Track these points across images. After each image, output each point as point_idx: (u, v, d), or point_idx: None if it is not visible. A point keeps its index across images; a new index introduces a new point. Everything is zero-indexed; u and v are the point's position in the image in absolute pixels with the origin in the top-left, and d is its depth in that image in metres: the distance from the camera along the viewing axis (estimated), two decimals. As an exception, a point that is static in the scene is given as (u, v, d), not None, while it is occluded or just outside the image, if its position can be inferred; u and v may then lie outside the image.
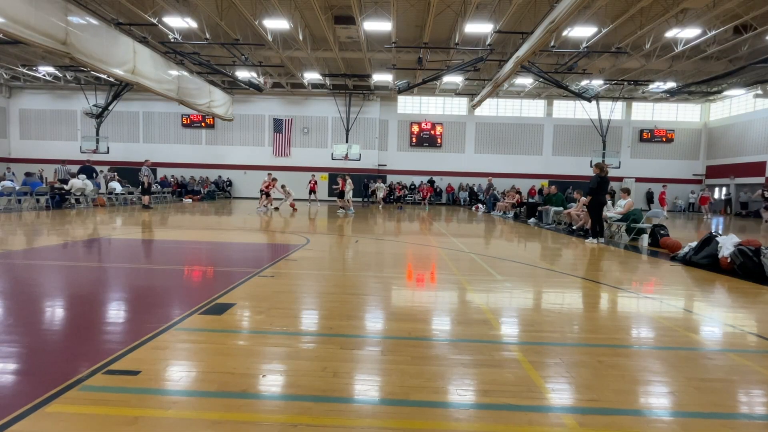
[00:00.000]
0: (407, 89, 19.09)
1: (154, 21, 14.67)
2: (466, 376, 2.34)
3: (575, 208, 11.21)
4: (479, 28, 14.83)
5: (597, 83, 20.90)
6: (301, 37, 16.04)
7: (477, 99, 21.84)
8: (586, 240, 8.93)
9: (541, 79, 19.14)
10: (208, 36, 15.88)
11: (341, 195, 15.59)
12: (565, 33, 14.85)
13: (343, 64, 19.61)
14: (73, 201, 14.52)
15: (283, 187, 16.76)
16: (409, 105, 26.38)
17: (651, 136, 25.75)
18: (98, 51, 12.37)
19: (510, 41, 16.40)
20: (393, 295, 4.22)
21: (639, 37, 15.33)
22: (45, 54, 17.61)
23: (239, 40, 16.48)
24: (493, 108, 25.96)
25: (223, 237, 8.37)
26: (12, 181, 14.27)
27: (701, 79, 19.29)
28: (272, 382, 2.22)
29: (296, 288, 4.35)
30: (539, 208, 13.93)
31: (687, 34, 14.79)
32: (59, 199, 13.99)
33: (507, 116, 26.13)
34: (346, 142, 25.02)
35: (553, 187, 13.91)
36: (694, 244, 6.54)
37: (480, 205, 21.18)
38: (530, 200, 18.63)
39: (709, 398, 2.17)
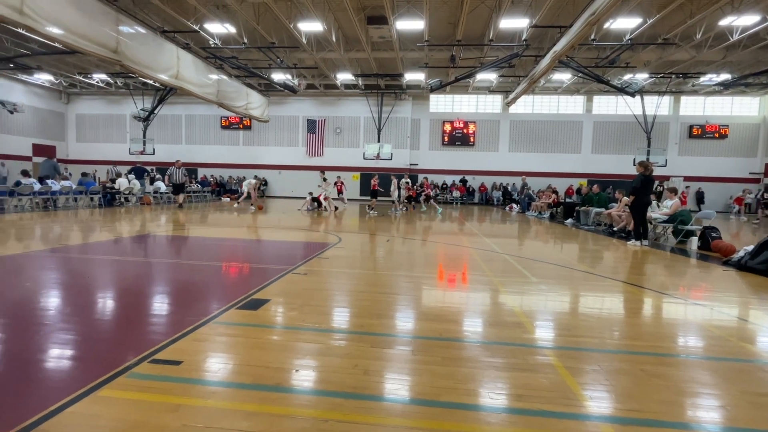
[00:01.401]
0: (439, 88, 18.90)
1: (196, 28, 15.34)
2: (499, 380, 2.29)
3: (616, 208, 10.71)
4: (514, 23, 14.45)
5: (642, 77, 19.82)
6: (334, 39, 16.25)
7: (512, 96, 21.29)
8: (629, 242, 8.50)
9: (580, 74, 18.40)
10: (245, 40, 16.42)
11: (375, 195, 15.53)
12: (606, 25, 14.19)
13: (375, 64, 19.70)
14: (122, 200, 15.45)
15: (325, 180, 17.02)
16: (441, 103, 26.12)
17: (702, 132, 24.11)
18: (145, 58, 13.10)
19: (547, 36, 15.87)
20: (424, 295, 4.20)
21: (689, 27, 14.39)
22: (98, 62, 18.85)
23: (275, 43, 16.93)
24: (528, 105, 25.23)
25: (258, 235, 8.63)
26: (69, 180, 15.39)
27: (760, 69, 17.85)
28: (304, 377, 2.28)
29: (328, 286, 4.42)
30: (577, 209, 13.40)
31: (744, 21, 13.72)
32: (110, 198, 14.94)
33: (543, 113, 25.32)
34: (378, 141, 25.13)
35: (595, 186, 13.31)
36: (750, 248, 6.07)
37: (514, 205, 20.65)
38: (567, 200, 17.96)
39: (766, 415, 2.02)
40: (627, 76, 19.79)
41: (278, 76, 20.64)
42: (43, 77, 24.19)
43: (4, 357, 2.42)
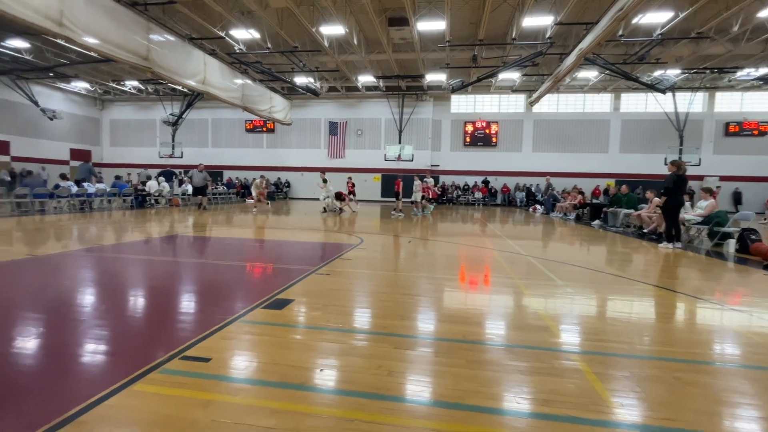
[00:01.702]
0: (461, 88, 18.74)
1: (222, 34, 15.78)
2: (524, 384, 2.25)
3: (647, 209, 10.33)
4: (538, 21, 14.19)
5: (673, 73, 19.07)
6: (355, 41, 16.38)
7: (535, 95, 20.89)
8: (660, 244, 8.18)
9: (607, 72, 17.88)
10: (269, 45, 16.76)
11: (398, 196, 15.37)
12: (635, 20, 13.75)
13: (396, 65, 19.74)
14: (152, 201, 16.03)
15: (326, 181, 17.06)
16: (463, 104, 25.89)
17: (739, 130, 22.96)
18: (174, 64, 13.57)
19: (572, 33, 15.51)
20: (446, 297, 4.17)
21: (725, 20, 13.76)
22: (131, 69, 19.61)
23: (297, 47, 17.20)
24: (552, 104, 24.69)
25: (282, 235, 8.78)
26: (103, 183, 16.09)
27: (803, 62, 16.88)
28: (329, 376, 2.30)
29: (351, 286, 4.45)
30: (605, 210, 13.01)
31: (785, 12, 13.02)
32: (141, 200, 15.52)
33: (568, 112, 24.72)
34: (399, 143, 25.14)
35: (624, 186, 12.86)
36: (793, 251, 5.74)
37: (538, 206, 20.23)
38: (594, 201, 17.46)
39: (813, 427, 1.91)
40: (657, 73, 19.09)
41: (301, 80, 20.96)
42: (80, 85, 25.40)
43: (47, 351, 2.55)
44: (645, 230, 9.79)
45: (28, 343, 2.65)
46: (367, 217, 14.03)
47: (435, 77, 21.34)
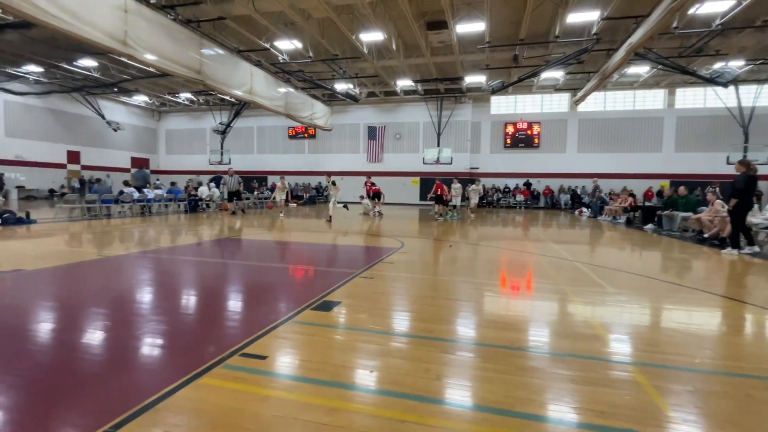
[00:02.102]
0: (501, 89, 18.38)
1: (267, 46, 16.50)
2: (577, 394, 2.20)
3: (707, 212, 9.63)
4: (583, 17, 13.65)
5: (735, 65, 17.62)
6: (394, 47, 16.54)
7: (580, 94, 20.05)
8: (723, 250, 7.60)
9: (660, 66, 16.85)
10: (311, 54, 17.30)
11: (439, 200, 14.65)
12: (691, 11, 12.88)
13: (434, 68, 19.70)
14: (204, 206, 16.99)
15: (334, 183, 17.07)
16: (503, 105, 25.35)
17: (815, 124, 20.83)
18: (224, 76, 14.36)
19: (620, 27, 14.76)
20: (491, 302, 4.13)
21: (797, 5, 12.58)
22: (184, 82, 20.96)
23: (338, 55, 17.63)
24: (599, 102, 23.59)
25: (324, 239, 9.02)
26: (161, 189, 17.28)
27: None
28: (379, 378, 2.37)
29: (395, 290, 4.51)
30: (659, 213, 12.24)
31: None
32: (194, 204, 16.49)
33: (617, 110, 23.51)
34: (438, 146, 25.03)
35: (681, 188, 12.04)
36: None
37: (584, 209, 19.37)
38: (647, 203, 16.47)
39: None
40: (718, 65, 17.73)
41: (341, 86, 21.43)
42: (140, 98, 27.46)
43: (123, 345, 2.81)
44: (706, 235, 9.12)
45: (107, 338, 2.93)
46: (407, 221, 14.07)
47: (474, 79, 21.07)
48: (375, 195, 16.29)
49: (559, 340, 3.08)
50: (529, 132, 24.64)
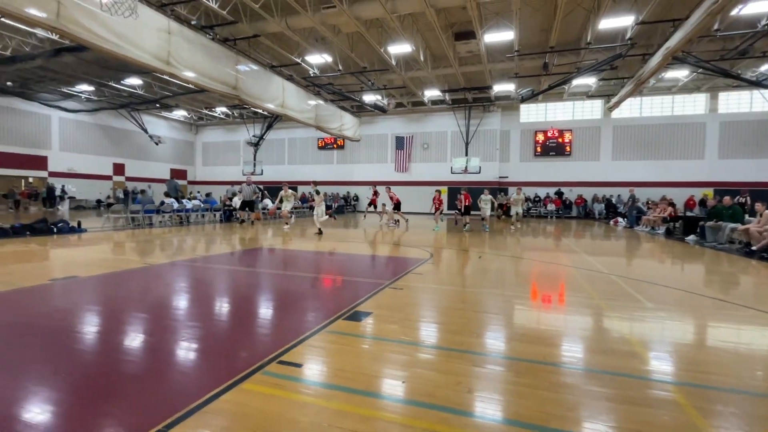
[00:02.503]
0: (531, 97, 18.15)
1: (299, 61, 17.08)
2: (613, 412, 2.17)
3: (755, 222, 9.09)
4: (617, 22, 13.34)
5: (786, 66, 16.65)
6: (422, 58, 16.72)
7: (615, 100, 19.48)
8: (774, 264, 7.15)
9: (700, 70, 16.15)
10: (340, 67, 17.75)
11: (467, 211, 14.19)
12: (733, 12, 12.34)
13: (462, 78, 19.71)
14: (238, 216, 17.59)
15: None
16: (533, 113, 24.95)
17: None
18: (257, 91, 14.97)
19: (656, 31, 14.32)
20: (523, 315, 4.09)
21: None
22: (221, 97, 21.91)
23: (366, 67, 17.99)
24: (635, 108, 22.80)
25: (354, 249, 9.16)
26: (198, 199, 18.07)
27: None
28: (411, 389, 2.42)
29: (425, 301, 4.55)
30: (701, 224, 11.64)
31: None
32: (228, 214, 17.13)
33: (654, 116, 22.63)
34: (466, 155, 24.89)
35: (726, 197, 11.41)
36: None
37: (620, 219, 18.67)
38: (688, 213, 15.69)
39: None
40: (765, 67, 16.82)
41: (369, 98, 21.80)
42: (179, 113, 28.96)
43: (169, 350, 3.00)
44: (754, 247, 8.61)
45: (155, 342, 3.13)
46: (435, 231, 14.03)
47: (503, 87, 20.90)
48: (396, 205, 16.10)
49: (593, 356, 3.02)
50: (560, 140, 24.11)
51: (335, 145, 28.61)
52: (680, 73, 18.74)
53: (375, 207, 18.47)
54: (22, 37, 15.46)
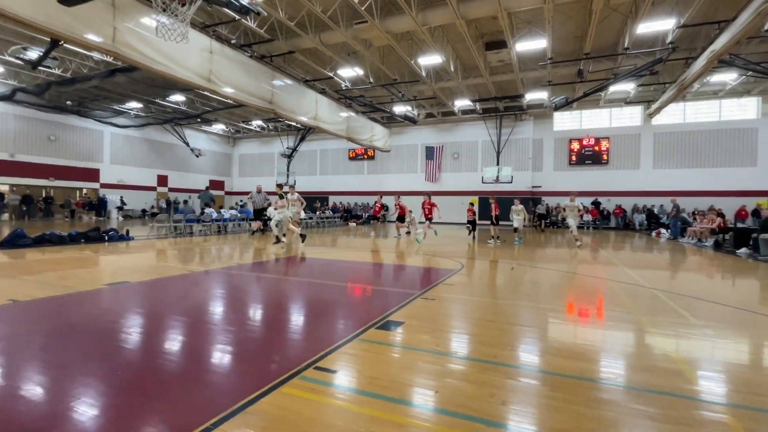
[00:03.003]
0: (565, 105, 17.77)
1: (331, 74, 17.57)
2: None
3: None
4: (656, 26, 12.89)
5: None
6: (452, 68, 16.78)
7: (655, 106, 18.71)
8: (839, 280, 6.59)
9: (750, 73, 15.28)
10: (371, 80, 18.10)
11: (497, 221, 13.58)
12: (788, 11, 11.62)
13: (493, 87, 19.59)
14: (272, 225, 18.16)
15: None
16: (567, 120, 24.34)
17: None
18: (292, 104, 15.53)
19: (700, 34, 13.72)
20: (557, 329, 4.00)
21: None
22: (257, 111, 22.86)
23: (397, 79, 18.25)
24: (677, 114, 21.78)
25: (385, 258, 9.24)
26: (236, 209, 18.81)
27: None
28: (444, 399, 2.44)
29: (457, 312, 4.54)
30: (755, 235, 10.90)
31: None
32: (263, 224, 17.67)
33: (699, 122, 21.51)
34: (497, 164, 24.57)
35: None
36: None
37: (662, 230, 17.76)
38: (739, 224, 14.72)
39: None
40: (825, 68, 15.65)
41: (399, 109, 22.05)
42: (218, 127, 30.40)
43: (213, 353, 3.17)
44: (816, 262, 7.97)
45: (199, 345, 3.31)
46: (465, 241, 13.90)
47: (535, 96, 20.58)
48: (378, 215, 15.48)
49: (634, 372, 2.92)
50: (596, 148, 23.36)
51: (366, 156, 29.04)
52: (728, 77, 17.80)
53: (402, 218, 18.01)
54: (80, 60, 16.83)
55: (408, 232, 15.49)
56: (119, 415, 2.17)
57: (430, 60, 15.99)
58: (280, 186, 12.46)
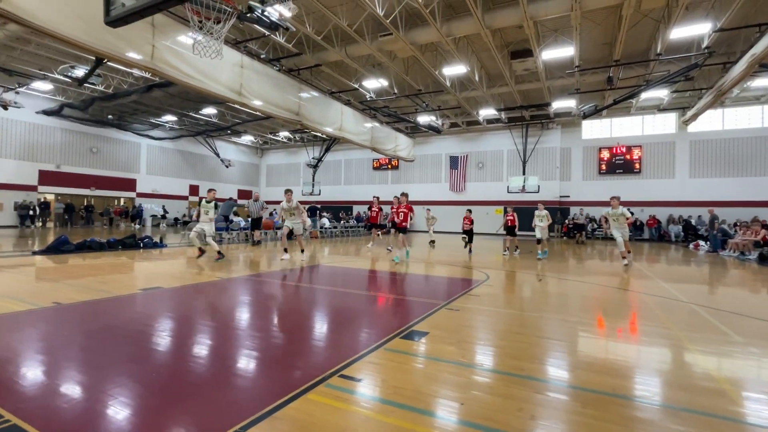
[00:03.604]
0: (594, 113, 17.35)
1: (356, 86, 17.88)
2: (696, 454, 2.00)
3: None
4: (691, 30, 12.46)
5: None
6: (477, 78, 16.74)
7: (691, 113, 18.00)
8: None
9: (796, 77, 14.48)
10: (395, 91, 18.29)
11: (512, 232, 12.45)
12: (836, 12, 11.03)
13: (519, 96, 19.39)
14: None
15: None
16: (597, 129, 23.73)
17: None
18: (318, 116, 15.87)
19: (739, 38, 13.18)
20: (587, 343, 3.87)
21: None
22: (284, 123, 23.48)
23: (421, 89, 18.37)
24: (715, 121, 20.85)
25: (407, 269, 9.20)
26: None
27: None
28: (471, 411, 2.40)
29: (482, 324, 4.47)
30: (804, 249, 10.21)
31: None
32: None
33: (740, 129, 20.51)
34: (523, 173, 24.17)
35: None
36: None
37: (701, 242, 16.90)
38: (787, 237, 13.78)
39: None
40: None
41: (423, 119, 22.13)
42: (247, 138, 31.37)
43: (240, 359, 3.24)
44: None
45: (229, 351, 3.40)
46: (491, 252, 13.69)
47: (563, 104, 20.21)
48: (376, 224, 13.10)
49: (671, 391, 2.79)
50: (628, 156, 22.63)
51: (390, 166, 29.21)
52: (770, 81, 16.94)
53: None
54: (121, 76, 17.84)
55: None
56: (151, 415, 2.26)
57: (454, 70, 16.02)
58: (212, 191, 10.23)
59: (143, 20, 8.41)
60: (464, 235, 13.64)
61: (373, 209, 13.11)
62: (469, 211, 14.10)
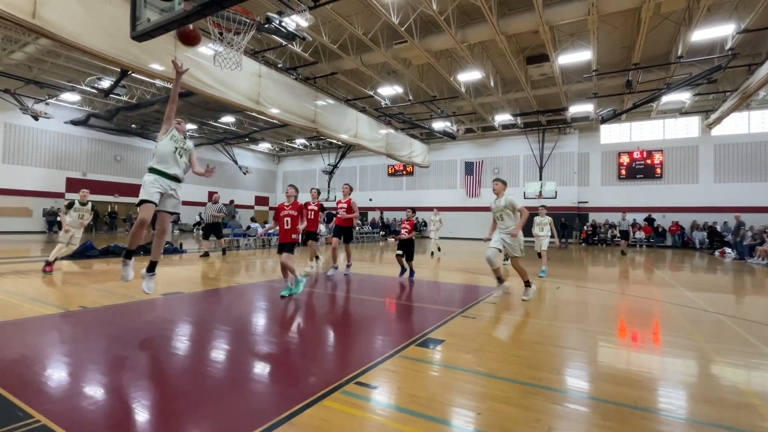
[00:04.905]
0: (613, 117, 17.03)
1: (371, 93, 18.03)
2: (723, 470, 1.93)
3: None
4: (713, 32, 12.16)
5: None
6: (492, 84, 16.67)
7: (715, 116, 17.50)
8: None
9: (827, 78, 13.92)
10: (410, 97, 18.37)
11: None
12: None
13: (535, 101, 19.21)
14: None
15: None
16: (615, 133, 23.29)
17: None
18: (333, 123, 16.05)
19: (765, 39, 12.79)
20: (607, 354, 3.78)
21: None
22: (300, 130, 23.86)
23: (436, 96, 18.39)
24: (741, 124, 20.21)
25: (422, 275, 9.16)
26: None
27: None
28: (487, 421, 2.38)
29: (499, 332, 4.42)
30: (839, 257, 9.76)
31: None
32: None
33: (766, 132, 19.82)
34: (540, 179, 23.86)
35: None
36: None
37: (727, 249, 16.34)
38: (820, 244, 13.21)
39: None
40: None
41: (438, 125, 22.12)
42: (264, 146, 31.90)
43: (257, 365, 3.29)
44: None
45: (247, 356, 3.45)
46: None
47: (580, 108, 19.93)
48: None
49: (696, 404, 2.70)
50: (648, 161, 22.11)
51: (404, 172, 29.24)
52: (799, 83, 16.32)
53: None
54: (145, 87, 18.43)
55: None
56: (173, 418, 2.31)
57: (469, 76, 16.00)
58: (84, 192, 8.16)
59: (166, 33, 8.69)
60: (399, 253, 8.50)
61: (309, 207, 8.62)
62: (414, 210, 9.34)
